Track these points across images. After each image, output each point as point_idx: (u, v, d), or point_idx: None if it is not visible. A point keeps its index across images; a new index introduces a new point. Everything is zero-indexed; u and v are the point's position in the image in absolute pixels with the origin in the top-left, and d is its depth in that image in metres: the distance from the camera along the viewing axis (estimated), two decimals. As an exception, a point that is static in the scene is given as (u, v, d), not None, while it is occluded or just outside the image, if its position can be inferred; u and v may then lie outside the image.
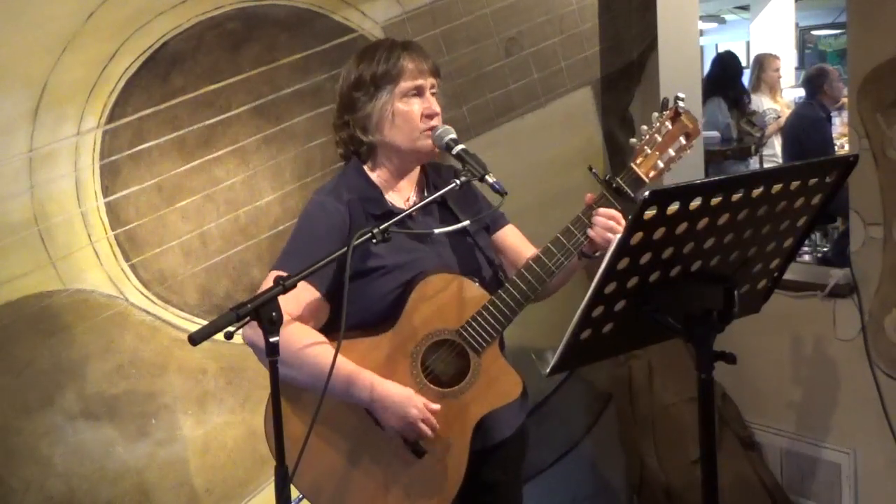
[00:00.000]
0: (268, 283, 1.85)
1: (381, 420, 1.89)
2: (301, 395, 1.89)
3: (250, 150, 2.60)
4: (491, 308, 1.90)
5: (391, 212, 1.93)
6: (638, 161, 1.93)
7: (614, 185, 1.92)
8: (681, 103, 1.93)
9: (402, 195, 2.03)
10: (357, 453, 1.93)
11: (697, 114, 3.71)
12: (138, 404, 2.45)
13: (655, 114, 1.95)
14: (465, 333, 1.91)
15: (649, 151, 1.93)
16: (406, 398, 1.87)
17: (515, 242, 2.15)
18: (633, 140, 1.96)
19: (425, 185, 2.07)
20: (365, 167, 2.03)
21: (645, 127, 1.95)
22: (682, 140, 1.94)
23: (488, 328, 1.90)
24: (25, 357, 2.31)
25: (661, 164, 1.92)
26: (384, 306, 1.92)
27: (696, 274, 1.51)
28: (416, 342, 1.91)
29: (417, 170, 2.06)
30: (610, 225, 1.87)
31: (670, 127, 1.93)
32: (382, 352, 1.91)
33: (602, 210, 1.90)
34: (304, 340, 1.87)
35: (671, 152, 1.93)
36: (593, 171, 1.95)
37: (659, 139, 1.93)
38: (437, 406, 1.89)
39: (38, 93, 2.30)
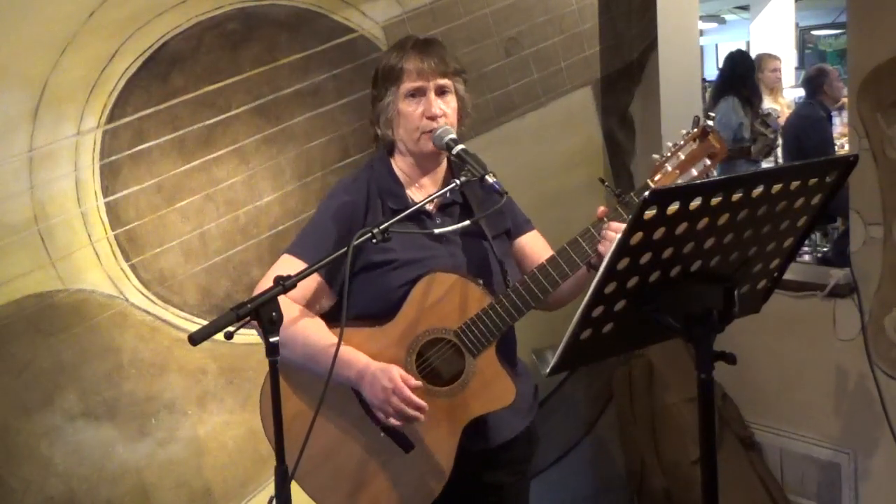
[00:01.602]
0: (279, 265, 1.94)
1: (365, 396, 1.91)
2: (296, 375, 1.92)
3: (250, 150, 2.60)
4: (491, 312, 1.90)
5: (409, 208, 1.94)
6: (656, 178, 1.89)
7: (627, 200, 1.89)
8: (709, 122, 1.88)
9: (425, 192, 2.03)
10: (347, 442, 1.95)
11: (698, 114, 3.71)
12: (138, 404, 2.45)
13: (683, 131, 1.90)
14: (462, 335, 1.91)
15: (669, 169, 1.88)
16: (384, 372, 1.87)
17: (535, 249, 2.12)
18: (654, 156, 1.92)
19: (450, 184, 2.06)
20: (391, 160, 2.06)
21: (669, 143, 1.91)
22: (707, 161, 1.88)
23: (486, 332, 1.90)
24: (25, 357, 2.31)
25: (680, 183, 1.87)
26: (392, 300, 1.93)
27: (696, 274, 1.51)
28: (413, 337, 1.93)
29: (442, 168, 2.07)
30: None
31: (695, 146, 1.88)
32: (379, 343, 1.93)
33: (613, 224, 1.86)
34: (301, 321, 1.91)
35: (693, 172, 1.88)
36: (606, 184, 1.94)
37: (682, 157, 1.88)
38: (417, 382, 1.88)
39: (38, 93, 2.30)
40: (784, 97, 6.65)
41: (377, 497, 1.96)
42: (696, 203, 1.40)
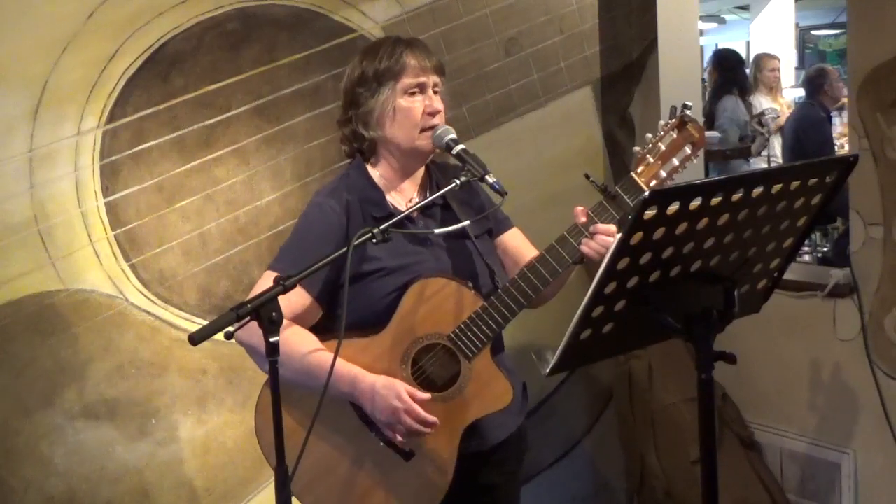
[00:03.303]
0: (263, 282, 1.87)
1: (368, 413, 1.89)
2: (291, 392, 1.88)
3: (250, 150, 2.60)
4: (483, 315, 1.89)
5: (392, 214, 1.93)
6: (639, 170, 1.90)
7: (612, 193, 1.89)
8: (688, 112, 1.89)
9: (405, 196, 2.02)
10: (345, 453, 1.93)
11: (698, 116, 3.72)
12: (138, 404, 2.45)
13: (662, 122, 1.91)
14: (455, 339, 1.90)
15: (651, 160, 1.89)
16: (390, 390, 1.85)
17: (518, 246, 2.12)
18: (636, 148, 1.93)
19: (429, 186, 2.05)
20: (368, 166, 2.02)
21: (650, 135, 1.92)
22: (687, 150, 1.90)
23: (480, 334, 1.89)
24: (25, 357, 2.31)
25: (663, 174, 1.89)
26: (381, 308, 1.92)
27: (696, 274, 1.51)
28: (406, 345, 1.91)
29: (422, 170, 2.05)
30: (608, 241, 1.84)
31: (675, 136, 1.89)
32: (373, 353, 1.91)
33: (601, 227, 1.87)
34: (293, 337, 1.88)
35: (675, 162, 1.90)
36: (590, 178, 1.93)
37: (662, 148, 1.89)
38: (426, 395, 1.87)
39: (38, 93, 2.30)
40: (784, 97, 6.64)
41: None
42: (696, 203, 1.40)
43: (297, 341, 1.88)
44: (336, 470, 1.94)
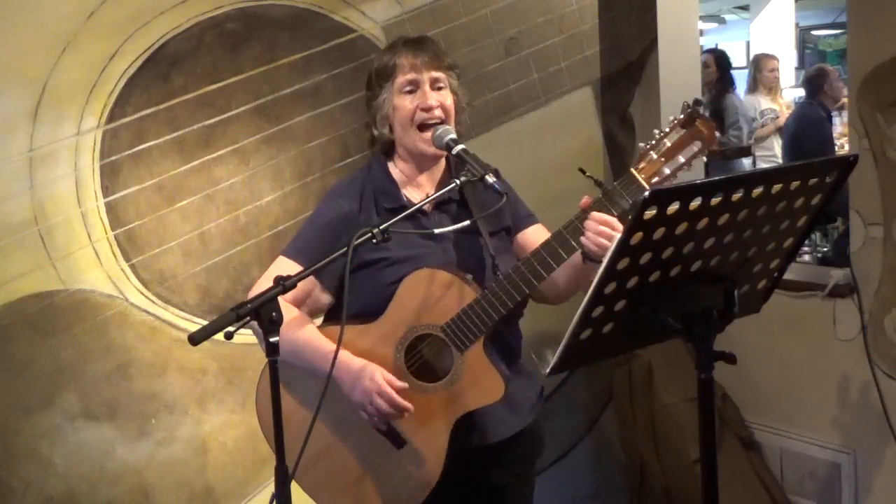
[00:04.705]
0: (274, 266, 1.96)
1: (346, 395, 1.90)
2: (288, 373, 1.91)
3: (250, 150, 2.60)
4: (476, 307, 1.88)
5: (404, 206, 1.94)
6: (640, 166, 1.84)
7: (610, 189, 1.86)
8: (698, 108, 1.84)
9: (422, 191, 2.04)
10: (340, 437, 1.96)
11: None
12: (138, 404, 2.45)
13: (671, 117, 1.86)
14: (449, 330, 1.90)
15: (654, 157, 1.83)
16: (360, 370, 1.87)
17: (537, 242, 2.08)
18: (641, 144, 1.88)
19: (448, 182, 2.05)
20: (389, 162, 2.06)
21: (656, 131, 1.86)
22: (695, 147, 1.83)
23: (473, 327, 1.88)
24: (25, 357, 2.31)
25: (666, 171, 1.83)
26: (386, 297, 1.93)
27: (696, 274, 1.51)
28: (401, 333, 1.92)
29: (441, 166, 2.07)
30: (602, 231, 1.80)
31: (682, 133, 1.83)
32: (368, 339, 1.93)
33: (595, 215, 1.82)
34: (291, 321, 1.89)
35: (681, 159, 1.83)
36: (587, 174, 1.91)
37: (668, 144, 1.83)
38: (402, 384, 1.87)
39: (38, 93, 2.30)
40: (784, 97, 6.66)
41: (372, 492, 1.96)
42: (696, 203, 1.39)
43: (295, 324, 1.92)
44: (332, 454, 1.96)
